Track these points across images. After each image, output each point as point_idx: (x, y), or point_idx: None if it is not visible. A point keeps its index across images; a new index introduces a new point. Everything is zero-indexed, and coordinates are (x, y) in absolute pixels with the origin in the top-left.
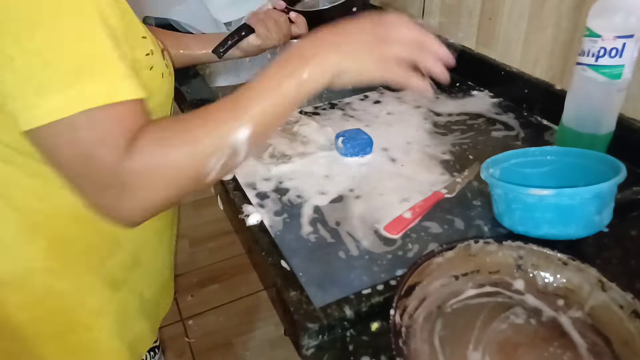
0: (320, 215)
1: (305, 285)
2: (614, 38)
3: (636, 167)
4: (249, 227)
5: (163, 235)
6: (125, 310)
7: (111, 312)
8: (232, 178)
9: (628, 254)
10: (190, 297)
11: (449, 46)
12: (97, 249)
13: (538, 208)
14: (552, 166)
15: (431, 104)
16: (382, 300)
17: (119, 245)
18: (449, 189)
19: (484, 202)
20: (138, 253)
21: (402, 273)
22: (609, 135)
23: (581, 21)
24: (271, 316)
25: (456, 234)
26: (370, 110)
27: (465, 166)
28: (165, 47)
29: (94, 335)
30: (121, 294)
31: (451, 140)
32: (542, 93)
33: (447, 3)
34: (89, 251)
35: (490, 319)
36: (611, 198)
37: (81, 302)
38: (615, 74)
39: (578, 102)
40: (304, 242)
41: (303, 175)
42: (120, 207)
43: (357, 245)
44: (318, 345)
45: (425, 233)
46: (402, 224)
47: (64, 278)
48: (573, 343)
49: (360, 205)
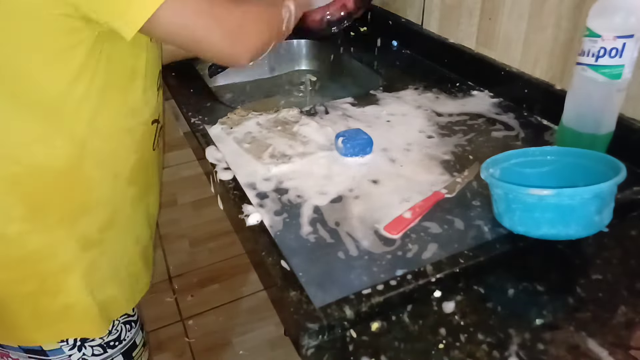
0: (320, 215)
1: (305, 285)
2: (614, 38)
3: (636, 167)
4: (249, 227)
5: (141, 202)
6: (96, 270)
7: (81, 269)
8: (232, 178)
9: (628, 254)
10: (190, 297)
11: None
12: (71, 207)
13: (538, 208)
14: (552, 166)
15: (431, 104)
16: (382, 300)
17: (93, 205)
18: (449, 189)
19: (484, 202)
20: (112, 216)
21: (402, 273)
22: (609, 135)
23: (581, 21)
24: (271, 316)
25: (456, 234)
26: (370, 111)
27: (465, 166)
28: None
29: (65, 291)
30: (92, 253)
31: (451, 141)
32: (542, 93)
33: (447, 3)
34: (63, 209)
35: None
36: (611, 198)
37: (53, 258)
38: (615, 74)
39: (578, 102)
40: (304, 242)
41: (303, 175)
42: (236, 48)
43: (357, 246)
44: (318, 345)
45: (425, 233)
46: (402, 224)
47: (38, 234)
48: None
49: (360, 206)
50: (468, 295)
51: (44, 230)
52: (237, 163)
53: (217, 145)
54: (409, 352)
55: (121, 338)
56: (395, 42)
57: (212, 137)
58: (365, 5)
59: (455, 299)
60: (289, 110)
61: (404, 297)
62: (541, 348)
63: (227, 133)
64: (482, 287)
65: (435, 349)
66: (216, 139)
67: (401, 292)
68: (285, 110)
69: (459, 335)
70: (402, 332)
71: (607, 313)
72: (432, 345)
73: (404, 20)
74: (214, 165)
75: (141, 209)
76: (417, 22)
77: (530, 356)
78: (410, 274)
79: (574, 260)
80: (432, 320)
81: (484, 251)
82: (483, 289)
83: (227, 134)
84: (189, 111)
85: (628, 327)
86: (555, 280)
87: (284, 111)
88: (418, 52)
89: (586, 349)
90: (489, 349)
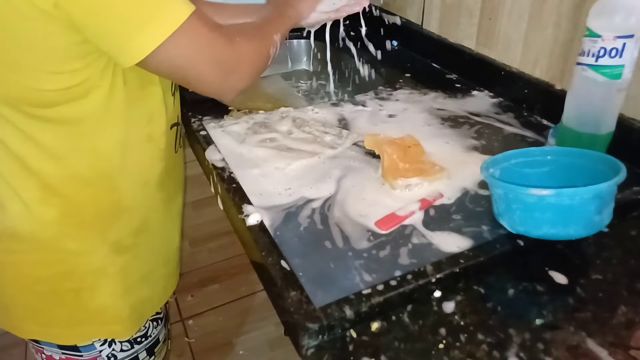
0: (320, 215)
1: (305, 285)
2: (614, 38)
3: (636, 167)
4: (249, 227)
5: (170, 205)
6: (129, 274)
7: (114, 273)
8: (232, 178)
9: (628, 254)
10: (190, 297)
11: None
12: (102, 214)
13: (538, 208)
14: (552, 166)
15: (431, 104)
16: (382, 300)
17: (127, 210)
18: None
19: (483, 202)
20: (146, 220)
21: (402, 273)
22: (609, 135)
23: (581, 21)
24: (271, 316)
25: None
26: (370, 110)
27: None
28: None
29: (99, 293)
30: (125, 257)
31: (451, 141)
32: (542, 93)
33: (447, 3)
34: (95, 216)
35: None
36: (611, 198)
37: (87, 262)
38: (615, 74)
39: (578, 102)
40: (304, 242)
41: (303, 175)
42: (228, 85)
43: (358, 245)
44: (318, 345)
45: (425, 233)
46: (394, 221)
47: (74, 239)
48: None
49: (360, 206)
50: (468, 295)
51: (77, 235)
52: (237, 163)
53: (217, 145)
54: (409, 352)
55: (148, 335)
56: (395, 42)
57: (212, 137)
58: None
59: (455, 299)
60: (289, 109)
61: (404, 297)
62: (541, 348)
63: (227, 133)
64: (482, 287)
65: (435, 349)
66: (216, 139)
67: (401, 292)
68: (286, 110)
69: (459, 335)
70: (402, 332)
71: (607, 313)
72: (432, 345)
73: (404, 20)
74: (214, 165)
75: (171, 212)
76: (417, 22)
77: (530, 356)
78: (410, 274)
79: (574, 260)
80: (432, 320)
81: (484, 251)
82: (483, 289)
83: (227, 133)
84: (189, 111)
85: (628, 327)
86: (555, 281)
87: (284, 110)
88: (418, 52)
89: (586, 349)
90: (489, 349)
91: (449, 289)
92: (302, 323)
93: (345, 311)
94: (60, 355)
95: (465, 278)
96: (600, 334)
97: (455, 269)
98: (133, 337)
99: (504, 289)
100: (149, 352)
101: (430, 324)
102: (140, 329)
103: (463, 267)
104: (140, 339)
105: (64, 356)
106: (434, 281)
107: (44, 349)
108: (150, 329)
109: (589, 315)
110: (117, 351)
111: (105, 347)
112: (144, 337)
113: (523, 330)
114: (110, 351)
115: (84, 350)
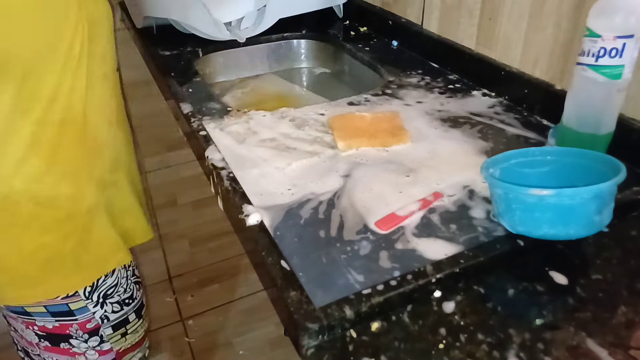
0: (320, 214)
1: (305, 285)
2: (614, 38)
3: (636, 167)
4: (249, 227)
5: (128, 148)
6: (112, 206)
7: (102, 207)
8: (232, 178)
9: (628, 254)
10: (190, 297)
11: None
12: (86, 154)
13: (538, 208)
14: (552, 166)
15: (431, 104)
16: (382, 300)
17: (103, 147)
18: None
19: (483, 202)
20: (116, 158)
21: (402, 273)
22: (609, 135)
23: (581, 21)
24: (271, 316)
25: (456, 233)
26: (370, 110)
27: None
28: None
29: (94, 230)
30: (109, 192)
31: (451, 141)
32: (542, 93)
33: (447, 3)
34: (80, 156)
35: None
36: (611, 198)
37: (81, 202)
38: (615, 74)
39: (578, 102)
40: (304, 242)
41: (303, 175)
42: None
43: (358, 245)
44: (318, 345)
45: (426, 233)
46: (394, 221)
47: (66, 184)
48: None
49: (360, 205)
50: (468, 295)
51: (70, 179)
52: (237, 163)
53: (217, 145)
54: (409, 352)
55: (133, 297)
56: (395, 42)
57: (212, 137)
58: None
59: (455, 299)
60: (289, 109)
61: (404, 297)
62: (541, 348)
63: (227, 133)
64: (482, 287)
65: (435, 349)
66: (216, 138)
67: (401, 292)
68: (286, 109)
69: (459, 335)
70: (402, 332)
71: (607, 313)
72: (432, 345)
73: (404, 20)
74: (214, 165)
75: (130, 152)
76: (417, 22)
77: (530, 356)
78: (410, 274)
79: (574, 261)
80: (432, 320)
81: (484, 251)
82: (483, 289)
83: (227, 133)
84: (188, 111)
85: (628, 327)
86: (555, 281)
87: (284, 110)
88: (418, 52)
89: (586, 349)
90: (489, 349)
91: (449, 289)
92: (302, 323)
93: (345, 311)
94: (53, 323)
95: (466, 278)
96: (600, 334)
97: (455, 269)
98: (122, 298)
99: (504, 289)
100: (137, 315)
101: (430, 324)
102: (126, 290)
103: (463, 267)
104: (128, 300)
105: (57, 323)
106: (434, 281)
107: (36, 320)
108: (135, 291)
109: (589, 316)
110: (109, 312)
111: (98, 308)
112: (130, 299)
113: (523, 330)
114: (103, 312)
115: (79, 314)
